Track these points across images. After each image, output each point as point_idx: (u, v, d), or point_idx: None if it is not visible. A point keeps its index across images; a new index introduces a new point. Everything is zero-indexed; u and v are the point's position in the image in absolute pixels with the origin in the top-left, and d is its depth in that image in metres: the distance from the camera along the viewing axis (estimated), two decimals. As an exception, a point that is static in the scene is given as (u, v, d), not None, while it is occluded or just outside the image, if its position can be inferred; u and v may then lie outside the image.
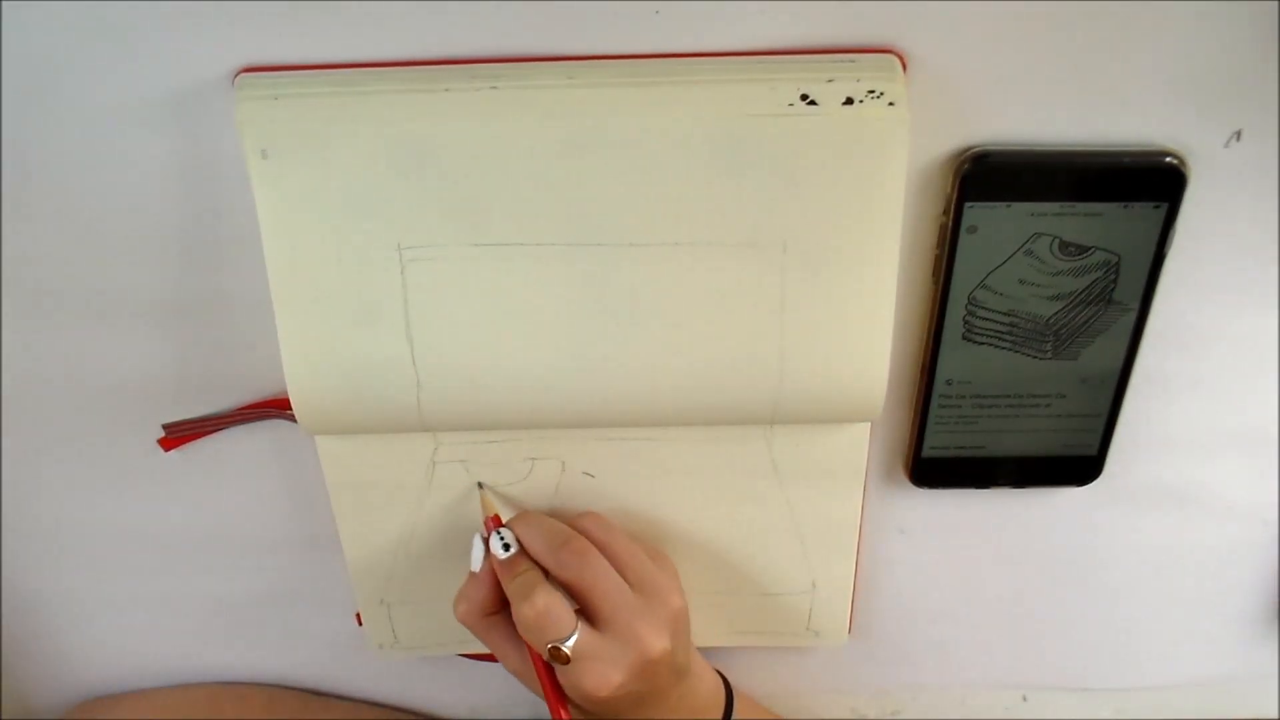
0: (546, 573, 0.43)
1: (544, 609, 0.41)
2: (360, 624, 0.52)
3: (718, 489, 0.47)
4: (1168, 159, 0.40)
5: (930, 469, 0.48)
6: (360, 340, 0.40)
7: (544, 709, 0.44)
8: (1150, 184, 0.40)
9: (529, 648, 0.44)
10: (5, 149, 0.39)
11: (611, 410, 0.42)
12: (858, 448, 0.46)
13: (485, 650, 0.54)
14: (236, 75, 0.37)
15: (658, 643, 0.42)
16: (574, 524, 0.45)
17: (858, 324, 0.41)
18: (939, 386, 0.46)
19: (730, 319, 0.40)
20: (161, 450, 0.48)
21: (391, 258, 0.39)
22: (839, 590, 0.51)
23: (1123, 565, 0.54)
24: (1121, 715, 0.61)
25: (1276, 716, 0.60)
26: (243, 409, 0.47)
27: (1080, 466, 0.49)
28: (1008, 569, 0.54)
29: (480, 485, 0.47)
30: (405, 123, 0.37)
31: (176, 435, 0.48)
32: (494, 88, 0.37)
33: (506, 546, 0.44)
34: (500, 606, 0.45)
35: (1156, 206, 0.41)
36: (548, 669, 0.44)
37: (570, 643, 0.41)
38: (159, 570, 0.54)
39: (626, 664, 0.42)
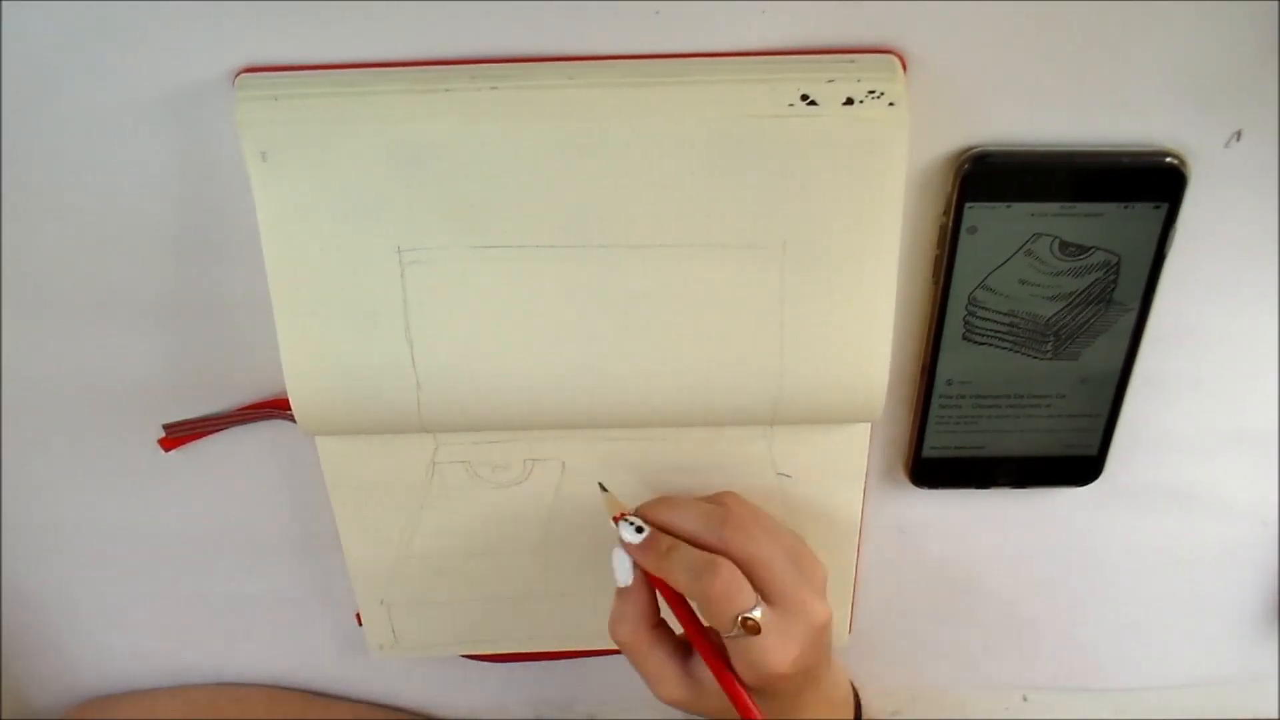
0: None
1: (730, 578, 0.39)
2: (360, 624, 0.52)
3: (718, 489, 0.47)
4: (1168, 159, 0.40)
5: (930, 469, 0.48)
6: (360, 342, 0.40)
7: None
8: (1150, 184, 0.40)
9: (706, 654, 0.41)
10: (5, 149, 0.39)
11: (611, 411, 0.42)
12: (858, 448, 0.46)
13: (485, 650, 0.54)
14: (236, 75, 0.37)
15: (823, 610, 0.41)
16: (718, 503, 0.44)
17: (858, 324, 0.41)
18: (939, 386, 0.46)
19: (730, 319, 0.40)
20: (161, 450, 0.48)
21: (391, 259, 0.39)
22: (839, 590, 0.51)
23: (1123, 565, 0.54)
24: (1121, 715, 0.61)
25: (1276, 717, 0.60)
26: (243, 409, 0.47)
27: (1080, 466, 0.49)
28: (1008, 569, 0.54)
29: (602, 487, 0.45)
30: (405, 123, 0.37)
31: (176, 435, 0.48)
32: (494, 88, 0.37)
33: (640, 530, 0.42)
34: (659, 618, 0.43)
35: (1156, 206, 0.41)
36: (732, 676, 0.41)
37: (756, 613, 0.39)
38: (159, 570, 0.54)
39: (800, 635, 0.40)
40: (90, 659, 0.58)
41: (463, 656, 0.56)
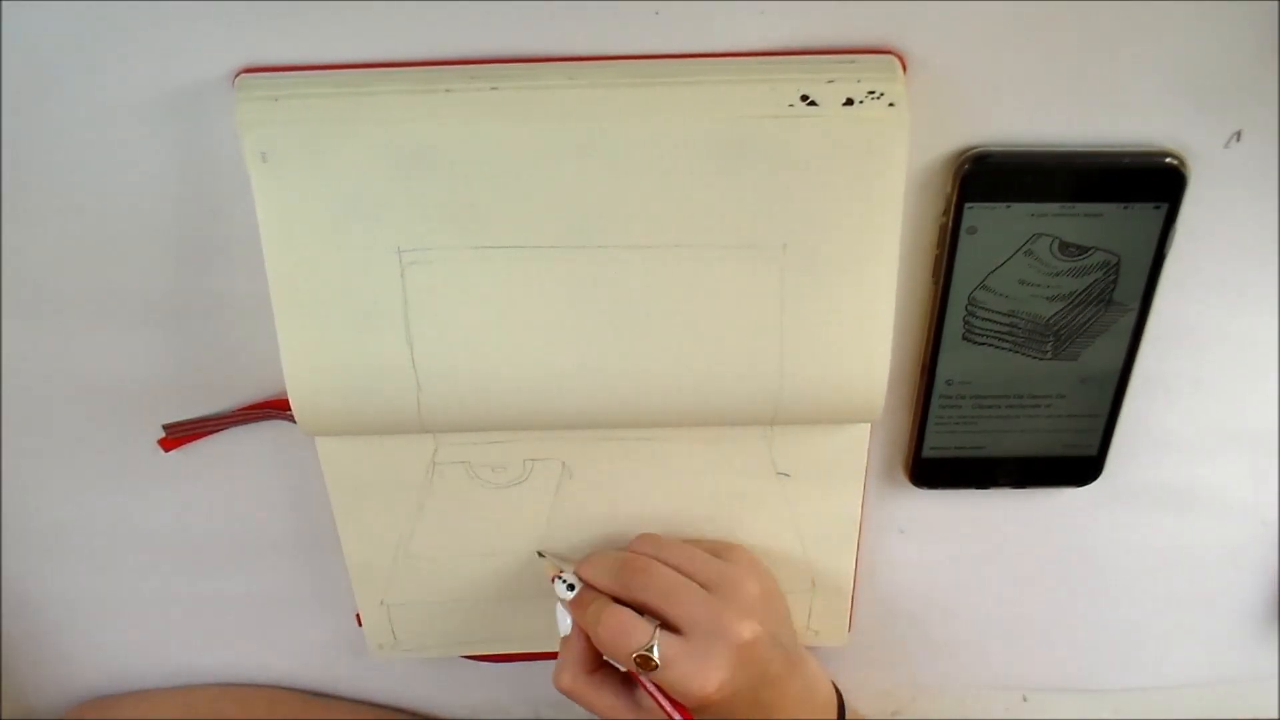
0: (620, 602, 0.44)
1: (615, 621, 0.42)
2: (360, 624, 0.52)
3: (718, 489, 0.47)
4: (1168, 159, 0.40)
5: (930, 469, 0.48)
6: (360, 343, 0.40)
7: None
8: (1150, 184, 0.40)
9: (642, 681, 0.43)
10: (5, 149, 0.39)
11: (611, 411, 0.42)
12: (858, 448, 0.46)
13: (485, 651, 0.54)
14: (236, 75, 0.37)
15: (745, 628, 0.42)
16: (629, 548, 0.46)
17: (858, 324, 0.41)
18: (939, 387, 0.46)
19: (730, 320, 0.40)
20: (161, 450, 0.48)
21: (391, 260, 0.39)
22: (839, 590, 0.51)
23: (1123, 565, 0.54)
24: (1121, 715, 0.61)
25: (1276, 717, 0.60)
26: (243, 409, 0.47)
27: (1080, 466, 0.49)
28: (1008, 569, 0.54)
29: (540, 554, 0.49)
30: (405, 124, 0.37)
31: (176, 435, 0.48)
32: (494, 89, 0.37)
33: (571, 587, 0.45)
34: (600, 662, 0.45)
35: (1156, 207, 0.41)
36: (675, 702, 0.43)
37: (654, 649, 0.41)
38: (159, 570, 0.54)
39: (721, 657, 0.41)
40: (90, 659, 0.58)
41: (463, 657, 0.56)
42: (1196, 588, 0.55)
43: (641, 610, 0.43)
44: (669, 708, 0.43)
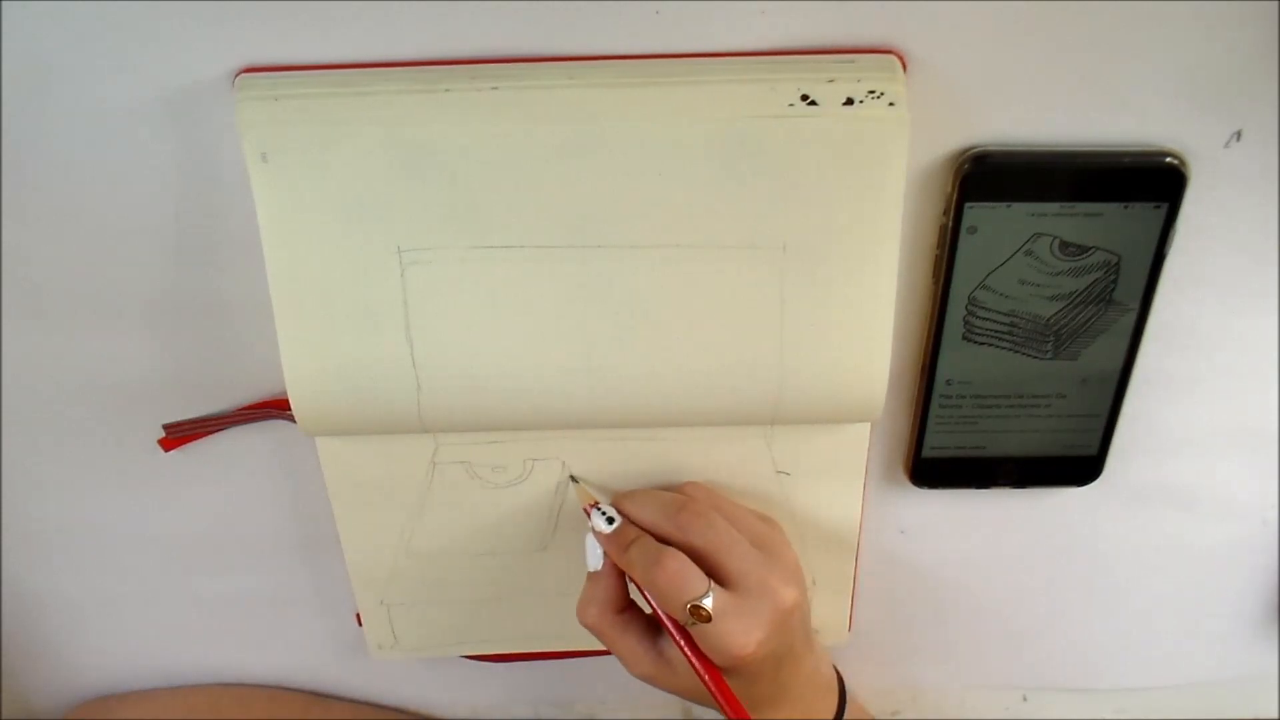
0: (663, 541, 0.42)
1: (677, 568, 0.40)
2: (360, 624, 0.52)
3: (718, 489, 0.47)
4: (1168, 159, 0.40)
5: (930, 469, 0.48)
6: (360, 343, 0.40)
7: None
8: (1150, 184, 0.40)
9: (675, 635, 0.42)
10: (5, 149, 0.39)
11: (612, 411, 0.42)
12: (858, 448, 0.46)
13: (485, 650, 0.54)
14: (236, 75, 0.37)
15: (789, 593, 0.41)
16: (680, 492, 0.45)
17: (858, 324, 0.41)
18: (939, 386, 0.46)
19: (731, 320, 0.40)
20: (161, 450, 0.48)
21: (391, 260, 0.39)
22: (839, 590, 0.51)
23: (1123, 565, 0.54)
24: (1121, 715, 0.61)
25: (1276, 717, 0.60)
26: (243, 409, 0.47)
27: (1080, 466, 0.49)
28: (1008, 569, 0.54)
29: (574, 479, 0.46)
30: (405, 123, 0.37)
31: (176, 435, 0.48)
32: (494, 88, 0.37)
33: (610, 520, 0.43)
34: (628, 603, 0.44)
35: (1156, 206, 0.41)
36: (702, 656, 0.41)
37: (708, 601, 0.40)
38: (159, 570, 0.54)
39: (764, 618, 0.41)
40: (90, 659, 0.58)
41: (463, 656, 0.56)
42: (1197, 587, 0.55)
43: (688, 553, 0.41)
44: (700, 666, 0.41)
